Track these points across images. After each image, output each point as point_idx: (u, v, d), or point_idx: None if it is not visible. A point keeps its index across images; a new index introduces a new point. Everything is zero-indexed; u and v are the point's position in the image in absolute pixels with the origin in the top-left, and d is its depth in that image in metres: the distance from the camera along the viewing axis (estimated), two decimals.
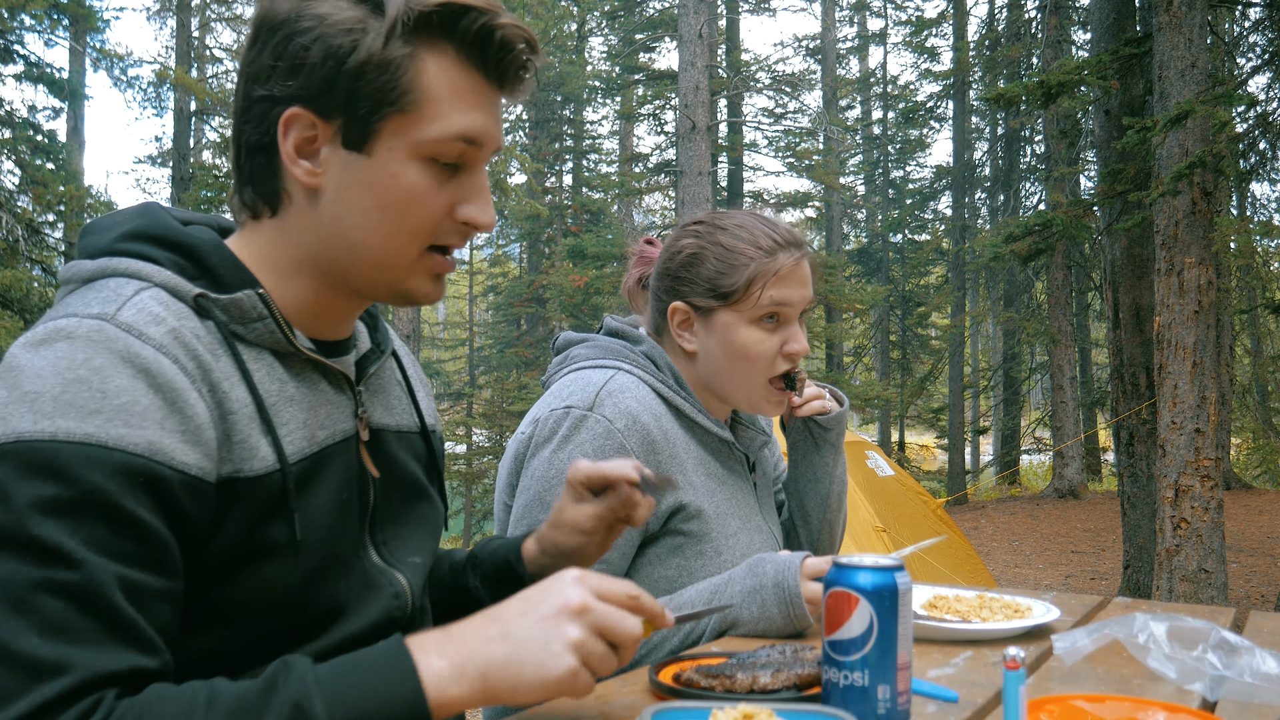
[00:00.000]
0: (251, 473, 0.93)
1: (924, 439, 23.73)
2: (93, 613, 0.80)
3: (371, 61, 0.94)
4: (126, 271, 0.95)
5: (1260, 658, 1.05)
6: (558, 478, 1.43)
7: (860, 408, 15.95)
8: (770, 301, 1.52)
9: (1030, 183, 17.72)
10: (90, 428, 0.83)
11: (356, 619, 1.02)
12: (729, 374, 1.55)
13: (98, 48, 15.88)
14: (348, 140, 0.97)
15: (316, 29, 0.94)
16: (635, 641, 0.87)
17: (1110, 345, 7.77)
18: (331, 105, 0.96)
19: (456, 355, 25.89)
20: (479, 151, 1.00)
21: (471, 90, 0.98)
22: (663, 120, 19.85)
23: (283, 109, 0.96)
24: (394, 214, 0.98)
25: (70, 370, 0.84)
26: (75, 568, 0.80)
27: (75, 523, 0.81)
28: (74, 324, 0.87)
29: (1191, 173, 5.64)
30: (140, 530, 0.84)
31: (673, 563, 1.49)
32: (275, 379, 0.99)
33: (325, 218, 0.99)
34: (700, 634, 1.38)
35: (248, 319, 0.98)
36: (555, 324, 16.64)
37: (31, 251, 10.90)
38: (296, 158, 0.97)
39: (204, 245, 0.99)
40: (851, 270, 20.47)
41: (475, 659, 0.84)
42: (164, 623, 0.86)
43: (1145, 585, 7.19)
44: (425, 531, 1.16)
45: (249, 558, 0.93)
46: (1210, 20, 7.20)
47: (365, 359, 1.12)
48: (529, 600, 0.87)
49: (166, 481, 0.85)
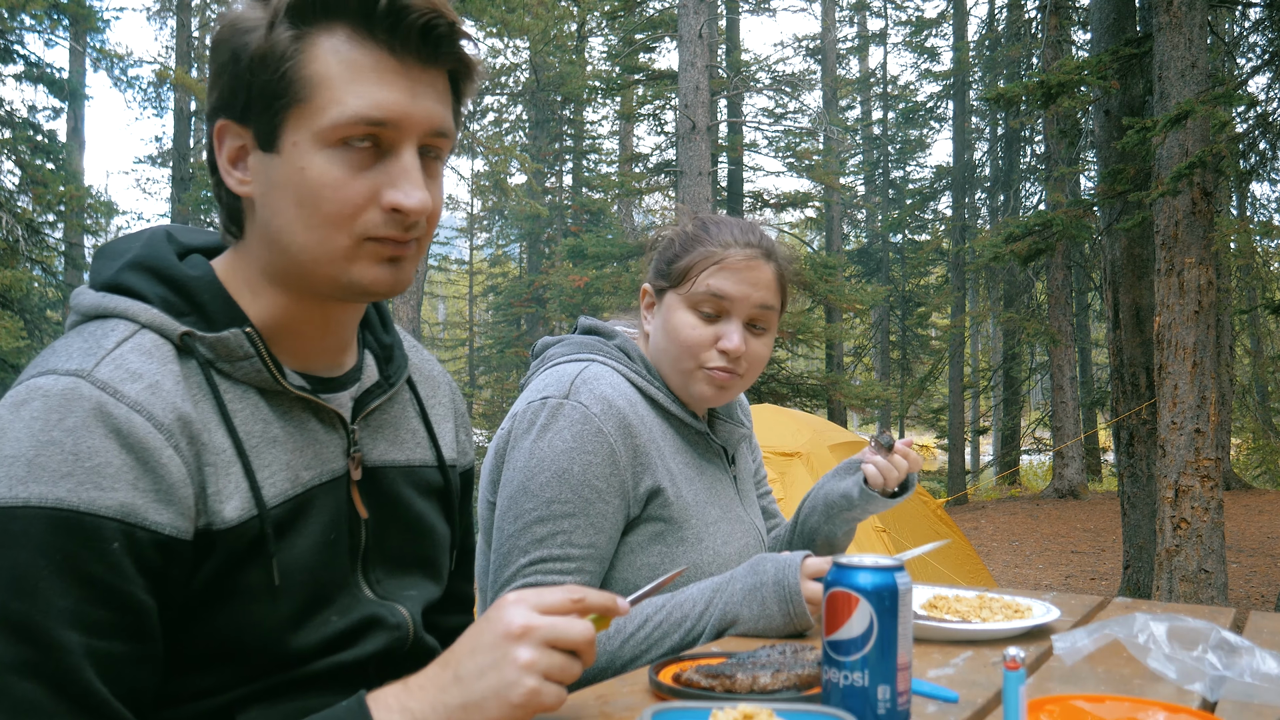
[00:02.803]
0: (225, 524, 0.92)
1: (924, 439, 23.73)
2: (64, 695, 0.81)
3: (260, 56, 0.91)
4: (115, 311, 0.95)
5: (1260, 658, 1.05)
6: (540, 466, 1.43)
7: (860, 408, 15.94)
8: (707, 290, 1.52)
9: (1030, 183, 17.73)
10: (62, 492, 0.83)
11: (355, 649, 1.02)
12: (664, 355, 1.58)
13: (98, 48, 15.89)
14: (261, 142, 0.94)
15: (230, 36, 0.93)
16: (589, 642, 0.87)
17: (1110, 345, 7.77)
18: (245, 109, 0.94)
19: (456, 355, 25.89)
20: (395, 132, 0.93)
21: (371, 67, 0.92)
22: (663, 120, 19.84)
23: (213, 123, 0.96)
24: (310, 208, 0.93)
25: (44, 432, 0.84)
26: (47, 648, 0.81)
27: (47, 597, 0.81)
28: (50, 383, 0.87)
29: (1191, 173, 5.64)
30: (113, 598, 0.84)
31: (655, 550, 1.50)
32: (259, 419, 0.98)
33: (264, 225, 0.97)
34: (700, 632, 1.38)
35: (234, 358, 0.97)
36: (555, 324, 16.64)
37: (31, 251, 10.90)
38: (230, 169, 0.97)
39: (195, 282, 0.98)
40: (851, 270, 20.47)
41: (436, 709, 0.85)
42: (138, 689, 0.87)
43: (1145, 585, 7.19)
44: (425, 571, 1.15)
45: (226, 600, 0.93)
46: (1210, 20, 7.20)
47: (368, 394, 1.09)
48: (475, 636, 0.87)
49: (139, 543, 0.86)
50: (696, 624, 1.38)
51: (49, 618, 0.81)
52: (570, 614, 0.88)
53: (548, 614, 0.87)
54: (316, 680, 0.99)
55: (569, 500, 1.42)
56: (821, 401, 14.89)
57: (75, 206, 11.04)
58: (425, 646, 1.12)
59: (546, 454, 1.43)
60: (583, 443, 1.43)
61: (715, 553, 1.53)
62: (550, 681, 0.85)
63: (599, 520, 1.44)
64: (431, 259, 22.81)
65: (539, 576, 1.41)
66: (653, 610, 1.40)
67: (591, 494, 1.43)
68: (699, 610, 1.38)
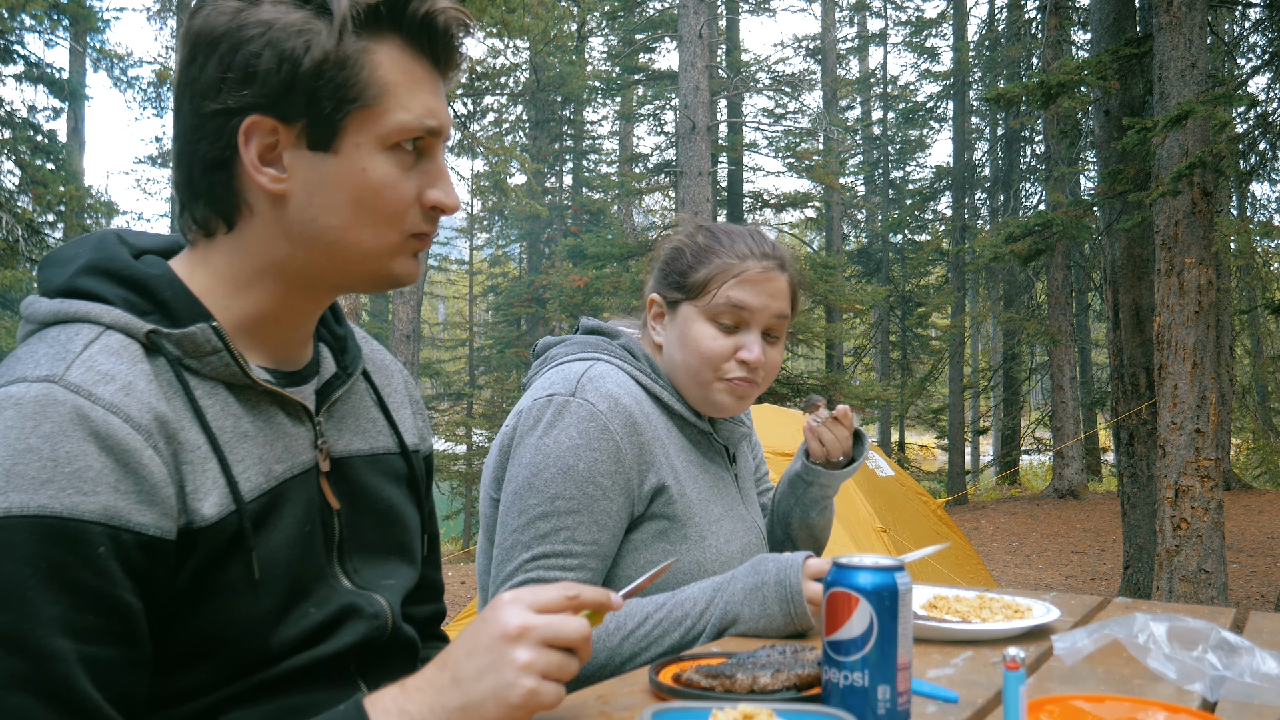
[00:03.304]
0: (205, 521, 0.92)
1: (924, 439, 23.74)
2: (57, 704, 0.81)
3: (328, 60, 0.94)
4: (77, 315, 0.94)
5: (1260, 658, 1.05)
6: (546, 462, 1.44)
7: (860, 408, 15.94)
8: (726, 301, 1.54)
9: (1030, 183, 17.73)
10: (44, 499, 0.82)
11: (335, 640, 1.02)
12: (682, 366, 1.58)
13: (98, 48, 15.89)
14: (313, 142, 0.97)
15: (264, 35, 0.94)
16: (585, 639, 0.88)
17: (1110, 345, 7.77)
18: (293, 109, 0.95)
19: (456, 355, 25.89)
20: (437, 138, 1.02)
21: (423, 78, 1.00)
22: (663, 120, 19.86)
23: (240, 119, 0.95)
24: (369, 207, 0.99)
25: (20, 440, 0.83)
26: (38, 658, 0.80)
27: (35, 606, 0.81)
28: (22, 390, 0.86)
29: (1191, 173, 5.64)
30: (102, 603, 0.84)
31: (658, 547, 1.50)
32: (229, 415, 0.98)
33: (295, 221, 0.99)
34: (700, 631, 1.38)
35: (201, 353, 0.97)
36: (555, 324, 16.64)
37: (31, 251, 10.89)
38: (261, 166, 0.97)
39: (155, 280, 0.98)
40: (851, 270, 20.46)
41: (435, 711, 0.85)
42: (129, 693, 0.87)
43: (1145, 585, 7.19)
44: (399, 556, 1.15)
45: (208, 597, 0.93)
46: (1210, 20, 7.20)
47: (328, 385, 1.11)
48: (471, 637, 0.87)
49: (125, 546, 0.85)
50: (697, 622, 1.38)
51: (39, 627, 0.80)
52: (566, 611, 0.89)
53: (543, 612, 0.87)
54: (297, 676, 0.99)
55: (574, 497, 1.42)
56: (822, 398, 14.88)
57: (75, 207, 11.03)
58: (404, 637, 1.13)
59: (552, 450, 1.44)
60: (589, 440, 1.44)
61: (718, 550, 1.54)
62: (548, 680, 0.85)
63: (603, 518, 1.44)
64: (431, 259, 22.81)
65: (541, 572, 1.41)
66: (653, 608, 1.40)
67: (596, 491, 1.43)
68: (699, 609, 1.38)
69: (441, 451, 19.98)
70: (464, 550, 14.37)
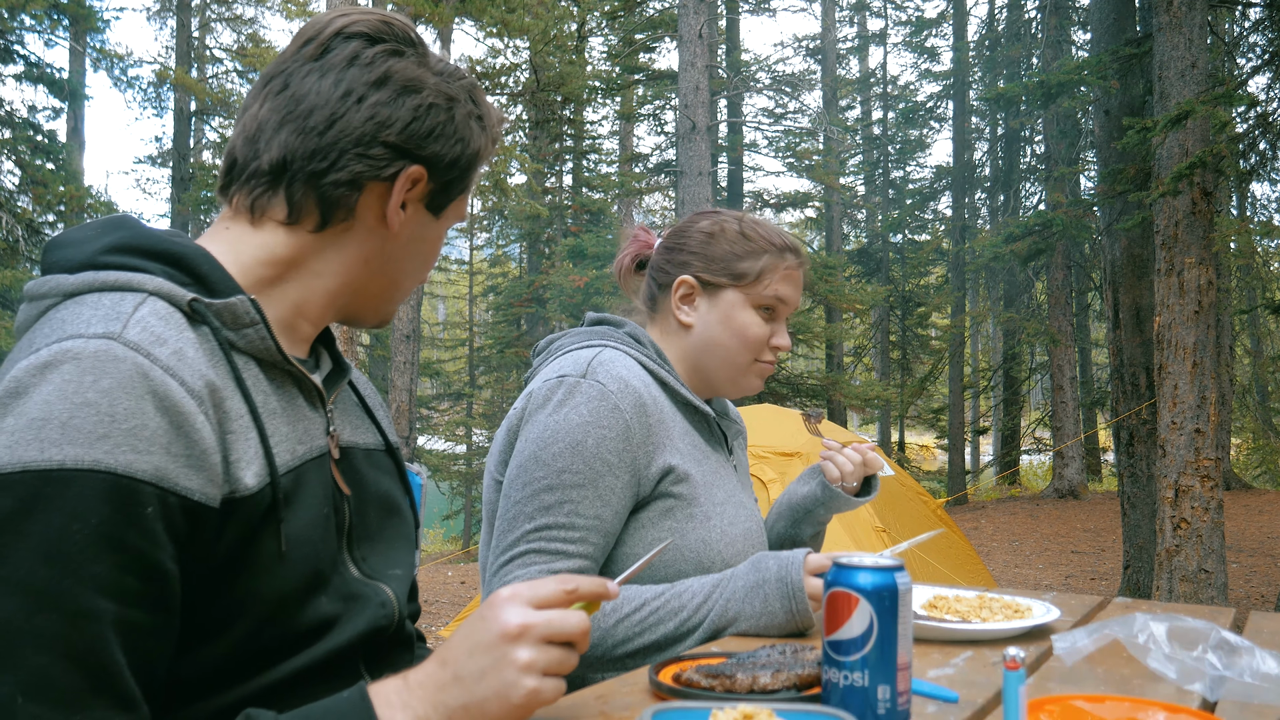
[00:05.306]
0: (246, 491, 0.93)
1: (924, 439, 23.73)
2: (80, 668, 0.79)
3: (479, 158, 1.14)
4: (116, 284, 0.93)
5: (1260, 658, 1.05)
6: (554, 437, 1.45)
7: (860, 408, 15.94)
8: (774, 295, 1.64)
9: (1030, 183, 17.72)
10: (99, 454, 0.81)
11: (344, 630, 1.02)
12: (721, 348, 1.65)
13: (98, 48, 15.90)
14: (431, 204, 1.12)
15: (460, 114, 1.09)
16: (584, 632, 0.88)
17: (1110, 345, 7.77)
18: (444, 178, 1.10)
19: (456, 355, 25.88)
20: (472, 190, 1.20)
21: None
22: (663, 120, 19.85)
23: (408, 164, 1.06)
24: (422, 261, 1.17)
25: (78, 394, 0.82)
26: (74, 617, 0.79)
27: (79, 563, 0.80)
28: (80, 345, 0.85)
29: (1191, 173, 5.64)
30: (144, 566, 0.83)
31: (664, 525, 1.51)
32: (261, 390, 0.99)
33: (382, 255, 1.10)
34: (696, 625, 1.38)
35: (240, 324, 0.98)
36: (555, 324, 16.64)
37: (31, 251, 10.89)
38: (398, 208, 1.07)
39: (192, 253, 0.99)
40: (851, 270, 20.45)
41: (437, 708, 0.85)
42: (152, 663, 0.86)
43: (1145, 585, 7.19)
44: (402, 546, 1.17)
45: (238, 571, 0.93)
46: (1210, 20, 7.20)
47: (330, 378, 1.13)
48: (472, 635, 0.87)
49: (171, 509, 0.85)
50: (693, 615, 1.38)
51: (80, 584, 0.79)
52: (564, 605, 0.89)
53: (542, 608, 0.87)
54: (311, 674, 0.99)
55: (580, 471, 1.44)
56: (821, 401, 14.91)
57: (75, 206, 11.03)
58: (406, 631, 1.14)
59: (562, 426, 1.45)
60: (599, 417, 1.45)
61: (723, 531, 1.55)
62: (549, 677, 0.86)
63: (607, 494, 1.45)
64: None
65: (543, 543, 1.42)
66: (651, 595, 1.41)
67: (602, 467, 1.45)
68: (697, 602, 1.39)
69: (441, 451, 19.98)
70: (464, 550, 14.36)
